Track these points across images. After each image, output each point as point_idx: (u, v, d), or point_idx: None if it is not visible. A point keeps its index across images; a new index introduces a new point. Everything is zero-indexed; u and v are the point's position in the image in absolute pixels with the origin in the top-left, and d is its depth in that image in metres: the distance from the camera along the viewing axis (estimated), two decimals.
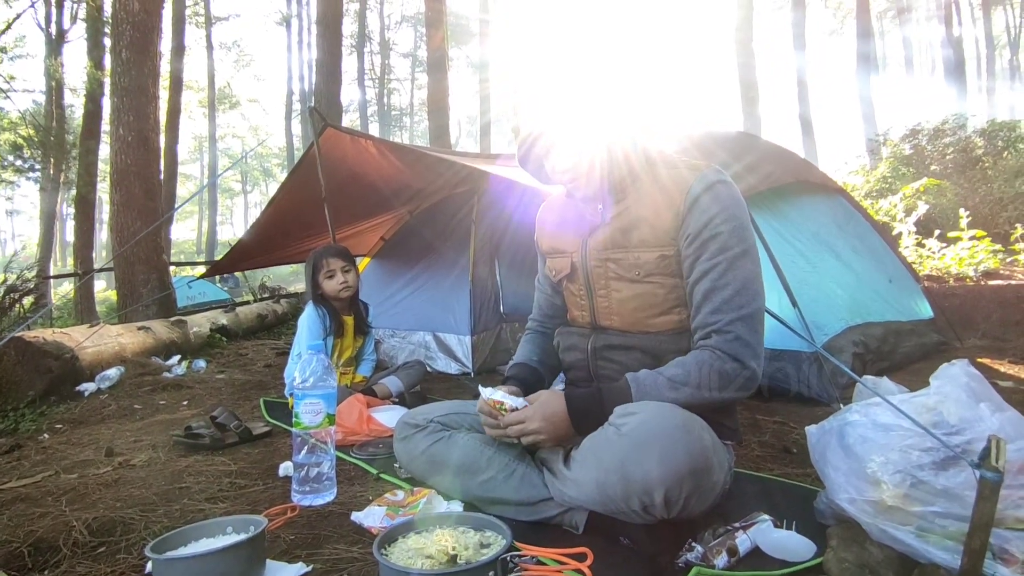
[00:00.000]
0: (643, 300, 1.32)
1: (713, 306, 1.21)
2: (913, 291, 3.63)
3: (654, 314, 1.32)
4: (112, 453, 2.05)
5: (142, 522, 1.41)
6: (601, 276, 1.38)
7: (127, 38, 5.27)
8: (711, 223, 1.22)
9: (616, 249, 1.34)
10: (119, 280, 5.46)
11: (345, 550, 1.23)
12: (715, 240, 1.22)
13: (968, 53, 22.29)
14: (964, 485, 1.00)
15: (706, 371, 1.17)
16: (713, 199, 1.24)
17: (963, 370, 1.12)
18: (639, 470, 1.05)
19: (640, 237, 1.31)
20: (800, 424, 2.17)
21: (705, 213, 1.23)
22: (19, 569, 1.22)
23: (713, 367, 1.17)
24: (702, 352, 1.20)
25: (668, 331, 1.31)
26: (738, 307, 1.19)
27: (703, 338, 1.22)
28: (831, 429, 1.21)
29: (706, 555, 1.09)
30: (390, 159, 3.48)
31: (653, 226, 1.29)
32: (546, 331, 1.61)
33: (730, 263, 1.21)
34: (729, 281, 1.20)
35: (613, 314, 1.37)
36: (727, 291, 1.20)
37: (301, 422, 1.52)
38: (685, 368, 1.20)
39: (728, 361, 1.18)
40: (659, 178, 1.32)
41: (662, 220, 1.28)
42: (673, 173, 1.31)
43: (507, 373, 1.53)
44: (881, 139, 10.39)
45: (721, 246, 1.21)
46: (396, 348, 3.93)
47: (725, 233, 1.21)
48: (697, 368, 1.18)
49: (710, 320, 1.21)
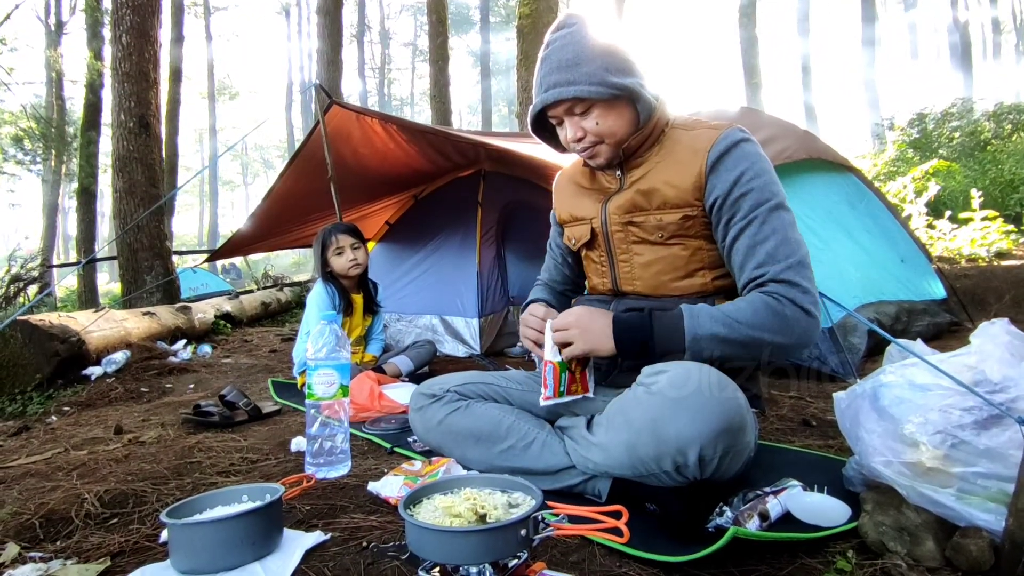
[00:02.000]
0: (666, 263, 1.29)
1: (758, 260, 1.16)
2: (925, 271, 3.58)
3: (677, 277, 1.29)
4: (121, 431, 2.02)
5: (154, 494, 1.39)
6: (622, 240, 1.34)
7: (127, 22, 5.22)
8: (740, 180, 1.19)
9: (637, 212, 1.31)
10: (123, 267, 5.44)
11: (363, 519, 1.20)
12: (747, 197, 1.18)
13: (974, 38, 22.07)
14: (1008, 444, 0.96)
15: (764, 312, 1.11)
16: (739, 157, 1.21)
17: (1004, 328, 1.09)
18: (672, 428, 1.02)
19: (662, 198, 1.27)
20: (817, 399, 2.14)
21: (732, 171, 1.20)
22: (31, 540, 1.19)
23: (772, 308, 1.11)
24: (756, 295, 1.14)
25: (691, 294, 1.28)
26: (785, 256, 1.15)
27: (755, 287, 1.16)
28: (863, 393, 1.17)
29: (737, 520, 1.05)
30: (397, 139, 3.43)
31: (675, 186, 1.25)
32: (553, 289, 1.62)
33: (766, 216, 1.17)
34: (769, 234, 1.16)
35: (635, 279, 1.34)
36: (770, 243, 1.16)
37: (314, 393, 1.48)
38: (739, 306, 1.14)
39: (788, 305, 1.12)
40: (679, 140, 1.28)
41: (684, 180, 1.24)
42: (693, 134, 1.27)
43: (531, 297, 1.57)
44: (887, 124, 10.29)
45: (755, 202, 1.18)
46: (403, 332, 3.89)
47: (756, 188, 1.18)
48: (752, 308, 1.12)
49: (757, 274, 1.16)
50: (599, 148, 1.29)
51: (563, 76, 1.21)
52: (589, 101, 1.23)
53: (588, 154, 1.31)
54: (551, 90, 1.23)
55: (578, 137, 1.27)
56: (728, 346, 1.12)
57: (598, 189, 1.40)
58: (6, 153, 13.16)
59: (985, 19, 26.04)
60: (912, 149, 8.38)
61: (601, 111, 1.24)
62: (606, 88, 1.20)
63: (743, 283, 1.20)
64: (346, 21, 15.89)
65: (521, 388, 1.46)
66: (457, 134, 3.22)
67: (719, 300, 1.23)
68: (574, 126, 1.27)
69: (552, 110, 1.27)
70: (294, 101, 27.42)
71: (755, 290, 1.16)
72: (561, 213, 1.52)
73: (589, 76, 1.20)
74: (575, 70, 1.20)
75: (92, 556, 1.09)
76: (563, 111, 1.26)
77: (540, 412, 1.39)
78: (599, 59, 1.20)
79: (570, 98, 1.22)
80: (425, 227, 4.18)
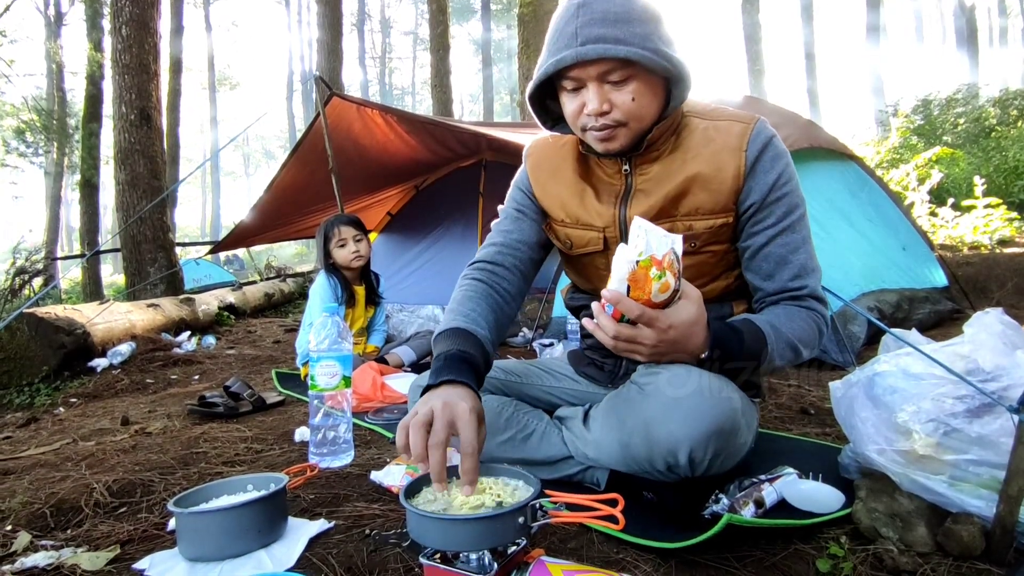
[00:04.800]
0: (695, 271, 1.17)
1: (793, 271, 1.14)
2: (927, 259, 3.59)
3: (703, 283, 1.18)
4: (128, 422, 2.05)
5: (161, 484, 1.41)
6: None
7: (126, 14, 5.21)
8: (777, 184, 1.13)
9: (665, 219, 1.14)
10: (126, 260, 5.47)
11: (366, 507, 1.23)
12: (781, 202, 1.13)
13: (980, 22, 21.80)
14: (1000, 432, 0.97)
15: (811, 331, 1.12)
16: (775, 157, 1.13)
17: (997, 318, 1.09)
18: (663, 430, 1.02)
19: (694, 203, 1.14)
20: (815, 388, 2.16)
21: (770, 174, 1.12)
22: (42, 529, 1.22)
23: (816, 326, 1.13)
24: (802, 312, 1.14)
25: (712, 298, 1.17)
26: (812, 269, 1.15)
27: (791, 300, 1.15)
28: (858, 382, 1.18)
29: (732, 507, 1.07)
30: (397, 130, 3.43)
31: (710, 191, 1.12)
32: (497, 282, 1.25)
33: (795, 225, 1.15)
34: (799, 244, 1.15)
35: None
36: (801, 255, 1.14)
37: (317, 384, 1.51)
38: (802, 327, 1.11)
39: (821, 322, 1.15)
40: (698, 131, 1.15)
41: (720, 184, 1.12)
42: (718, 127, 1.14)
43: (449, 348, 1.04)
44: (891, 111, 10.22)
45: (788, 208, 1.14)
46: (404, 322, 3.92)
47: (790, 193, 1.14)
48: (806, 326, 1.12)
49: (793, 286, 1.14)
50: (619, 131, 1.07)
51: (611, 31, 0.98)
52: (633, 69, 1.01)
53: (604, 135, 1.07)
54: (594, 44, 0.98)
55: (602, 110, 1.04)
56: (781, 362, 1.11)
57: (603, 188, 1.21)
58: (8, 146, 13.17)
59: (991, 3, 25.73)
60: (916, 136, 8.33)
61: (641, 85, 1.03)
62: (659, 58, 0.99)
63: (773, 291, 1.16)
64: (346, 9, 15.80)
65: (520, 379, 1.46)
66: (458, 125, 3.23)
67: (737, 303, 1.21)
68: (601, 96, 1.03)
69: (579, 70, 1.03)
70: (295, 91, 27.31)
71: (791, 303, 1.15)
72: (551, 208, 1.28)
73: (643, 38, 0.99)
74: (626, 27, 0.99)
75: (102, 544, 1.12)
76: (596, 74, 1.02)
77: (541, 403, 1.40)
78: (652, 22, 1.01)
79: (619, 58, 0.98)
80: (427, 217, 4.20)
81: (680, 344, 0.97)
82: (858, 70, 15.31)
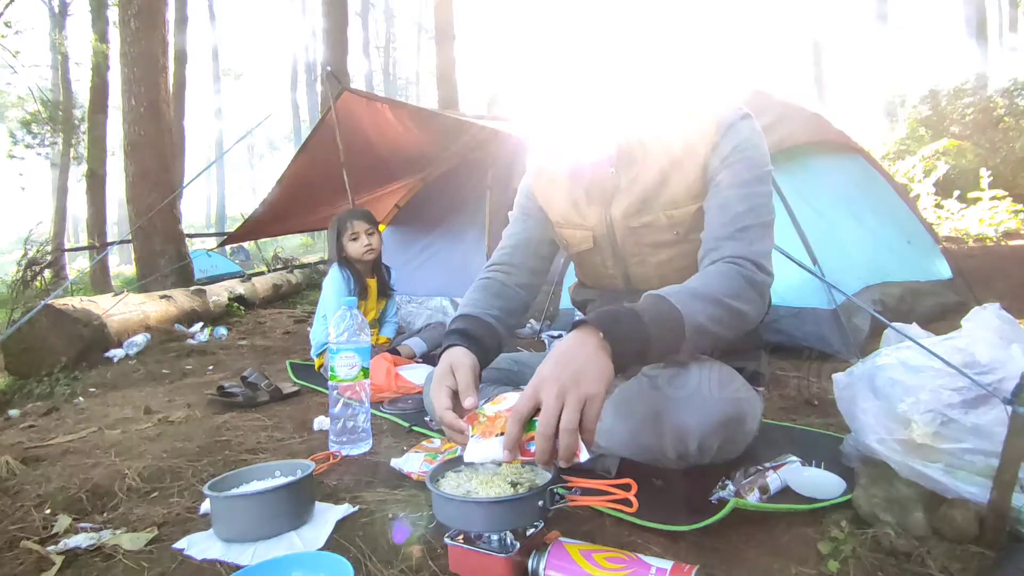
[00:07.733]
0: (687, 259, 1.22)
1: (728, 216, 1.13)
2: (932, 252, 3.61)
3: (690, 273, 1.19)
4: (150, 411, 2.12)
5: (189, 470, 1.47)
6: (634, 244, 1.29)
7: (135, 5, 5.23)
8: (740, 145, 1.16)
9: (645, 213, 1.24)
10: (137, 252, 5.53)
11: (388, 493, 1.28)
12: (738, 163, 1.15)
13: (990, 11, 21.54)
14: (994, 422, 1.02)
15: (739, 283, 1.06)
16: (739, 129, 1.17)
17: (994, 313, 1.14)
18: (674, 422, 1.07)
19: (671, 196, 1.21)
20: (820, 379, 2.20)
21: (737, 136, 1.17)
22: (80, 512, 1.28)
23: (743, 277, 1.07)
24: (723, 265, 1.09)
25: None
26: (756, 216, 1.13)
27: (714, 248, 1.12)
28: (861, 374, 1.23)
29: (738, 492, 1.13)
30: (406, 124, 3.47)
31: (683, 173, 1.19)
32: (508, 280, 1.40)
33: (751, 183, 1.15)
34: (747, 195, 1.14)
35: (651, 277, 1.31)
36: (745, 204, 1.13)
37: (337, 375, 1.56)
38: (722, 282, 1.06)
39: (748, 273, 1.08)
40: (679, 129, 1.21)
41: (692, 168, 1.18)
42: (693, 123, 1.20)
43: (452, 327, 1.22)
44: (899, 101, 10.16)
45: (744, 168, 1.15)
46: (413, 314, 3.97)
47: (749, 159, 1.16)
48: (732, 280, 1.06)
49: (721, 232, 1.12)
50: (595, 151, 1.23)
51: None
52: None
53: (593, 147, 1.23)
54: None
55: None
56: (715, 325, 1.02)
57: (594, 190, 1.29)
58: (15, 137, 13.21)
59: None
60: (923, 127, 8.29)
61: None
62: None
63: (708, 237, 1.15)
64: None
65: (532, 369, 1.50)
66: (468, 120, 3.26)
67: None
68: None
69: None
70: (299, 81, 27.25)
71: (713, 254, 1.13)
72: (550, 211, 1.39)
73: None
74: None
75: (139, 526, 1.18)
76: None
77: None
78: None
79: None
80: (435, 210, 4.24)
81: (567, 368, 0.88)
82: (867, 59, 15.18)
